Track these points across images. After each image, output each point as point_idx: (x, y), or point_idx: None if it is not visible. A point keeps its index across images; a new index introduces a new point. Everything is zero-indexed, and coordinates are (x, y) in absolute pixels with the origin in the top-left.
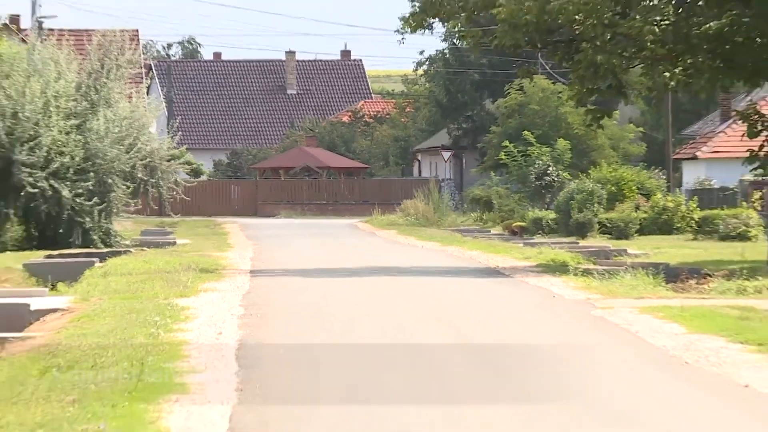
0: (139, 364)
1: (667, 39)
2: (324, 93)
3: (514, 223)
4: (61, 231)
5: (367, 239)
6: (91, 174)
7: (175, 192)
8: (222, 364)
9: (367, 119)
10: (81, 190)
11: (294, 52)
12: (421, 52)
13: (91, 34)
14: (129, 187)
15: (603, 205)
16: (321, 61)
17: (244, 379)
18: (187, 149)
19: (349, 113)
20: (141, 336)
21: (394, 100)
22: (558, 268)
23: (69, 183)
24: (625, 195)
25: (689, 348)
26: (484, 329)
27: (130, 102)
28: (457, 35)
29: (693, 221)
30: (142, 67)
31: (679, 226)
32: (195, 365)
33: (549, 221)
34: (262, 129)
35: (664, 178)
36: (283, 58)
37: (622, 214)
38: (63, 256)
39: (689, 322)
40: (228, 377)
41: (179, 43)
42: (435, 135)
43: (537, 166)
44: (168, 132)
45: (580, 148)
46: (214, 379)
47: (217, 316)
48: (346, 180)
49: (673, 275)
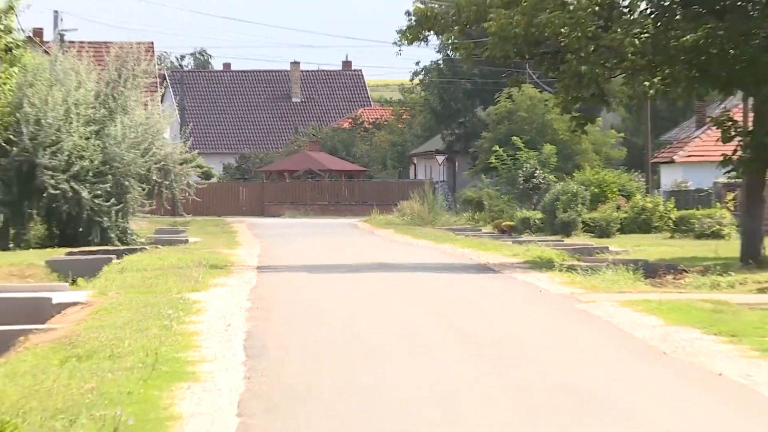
0: (153, 354)
1: (646, 51)
2: (326, 101)
3: (504, 223)
4: (80, 230)
5: (366, 238)
6: (109, 176)
7: (187, 193)
8: (231, 354)
9: (367, 125)
10: (99, 192)
11: (298, 63)
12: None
13: (109, 46)
14: (144, 189)
15: (586, 206)
16: (323, 71)
17: (251, 368)
18: (198, 153)
19: (350, 120)
20: (155, 328)
21: (391, 108)
22: (544, 265)
23: (88, 185)
24: (606, 196)
25: (666, 339)
26: (475, 321)
27: (145, 109)
28: (450, 47)
29: (670, 221)
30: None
31: (657, 225)
32: (205, 355)
33: (536, 221)
34: (269, 135)
35: (644, 180)
36: (288, 68)
37: (604, 214)
38: (83, 253)
39: (666, 314)
40: (236, 366)
41: (191, 54)
42: (430, 140)
43: (525, 169)
44: (181, 137)
45: (565, 152)
46: (223, 368)
47: (226, 310)
48: (347, 182)
49: (651, 271)
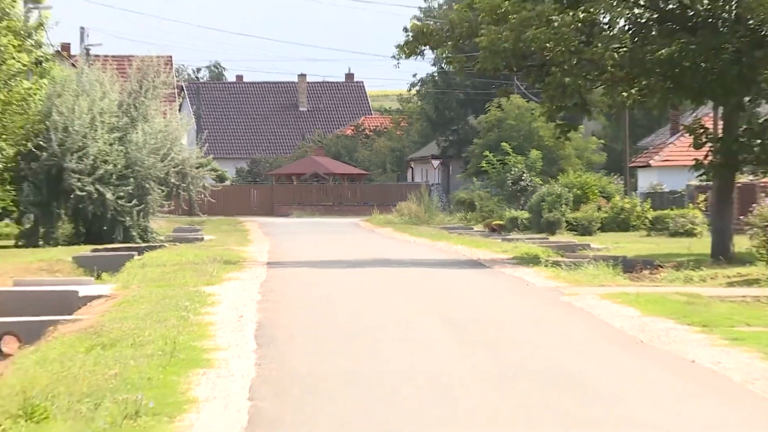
0: (172, 342)
1: (624, 63)
2: (330, 110)
3: (494, 222)
4: (105, 228)
5: (367, 236)
6: (131, 179)
7: (202, 195)
8: (243, 342)
9: (368, 132)
10: (122, 193)
11: (305, 75)
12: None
13: (132, 60)
14: (163, 191)
15: (569, 206)
16: (328, 82)
17: (261, 355)
18: (213, 158)
19: (352, 127)
20: (173, 318)
21: (390, 116)
22: (531, 260)
23: (112, 187)
24: (588, 197)
25: (643, 329)
26: (467, 311)
27: (164, 118)
28: (444, 60)
29: (647, 220)
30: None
31: (634, 224)
32: (219, 344)
33: (523, 220)
34: (278, 141)
35: (622, 183)
36: (296, 80)
37: (586, 213)
38: (107, 250)
39: (643, 306)
40: (248, 354)
41: (207, 67)
42: (426, 146)
43: (513, 173)
44: (197, 143)
45: (550, 157)
46: (236, 355)
47: (239, 302)
48: (350, 185)
49: (629, 266)
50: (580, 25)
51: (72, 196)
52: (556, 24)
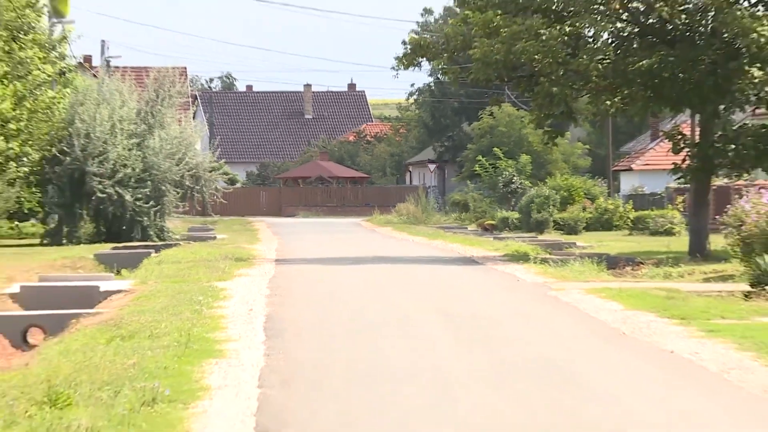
0: (186, 334)
1: (608, 74)
2: (334, 118)
3: (486, 222)
4: (124, 228)
5: (368, 235)
6: (149, 182)
7: (215, 196)
8: (252, 334)
9: (369, 138)
10: (140, 195)
11: (310, 85)
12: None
13: (149, 71)
14: (178, 193)
15: (557, 207)
16: (332, 92)
17: (270, 346)
18: (224, 162)
19: (354, 134)
20: (188, 312)
21: (390, 123)
22: (521, 258)
23: (131, 189)
24: (574, 199)
25: (626, 321)
26: (461, 305)
27: (179, 125)
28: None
29: (629, 220)
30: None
31: (617, 224)
32: (231, 335)
33: (514, 220)
34: (285, 146)
35: (606, 185)
36: (302, 89)
37: (572, 214)
38: (126, 248)
39: (626, 300)
40: (257, 345)
41: (219, 77)
42: (423, 151)
43: (504, 176)
44: (210, 148)
45: (539, 161)
46: (246, 346)
47: (249, 296)
48: (352, 187)
49: (612, 263)
50: (566, 38)
51: (93, 198)
52: (544, 37)
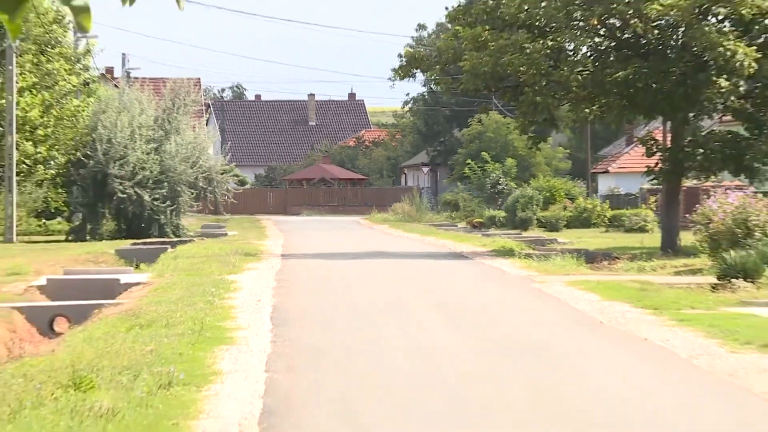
0: (200, 323)
1: (587, 85)
2: (335, 124)
3: (475, 220)
4: (143, 225)
5: (366, 231)
6: (165, 183)
7: (226, 197)
8: (260, 323)
9: (367, 143)
10: (157, 196)
11: (314, 94)
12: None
13: (165, 81)
14: (193, 193)
15: (540, 206)
16: (333, 101)
17: (276, 334)
18: (235, 165)
19: (354, 139)
20: (201, 302)
21: (387, 130)
22: (507, 253)
23: (149, 190)
24: (555, 199)
25: (603, 311)
26: (452, 295)
27: (193, 131)
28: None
29: (606, 218)
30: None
31: (595, 222)
32: (240, 324)
33: (500, 218)
34: (290, 151)
35: (585, 186)
36: (306, 99)
37: (553, 212)
38: (144, 243)
39: (603, 292)
40: (265, 333)
41: (230, 87)
42: (417, 155)
43: (491, 178)
44: (221, 153)
45: (523, 164)
46: (254, 334)
47: (257, 288)
48: (352, 188)
49: (591, 258)
50: (549, 51)
51: (114, 198)
52: (528, 51)
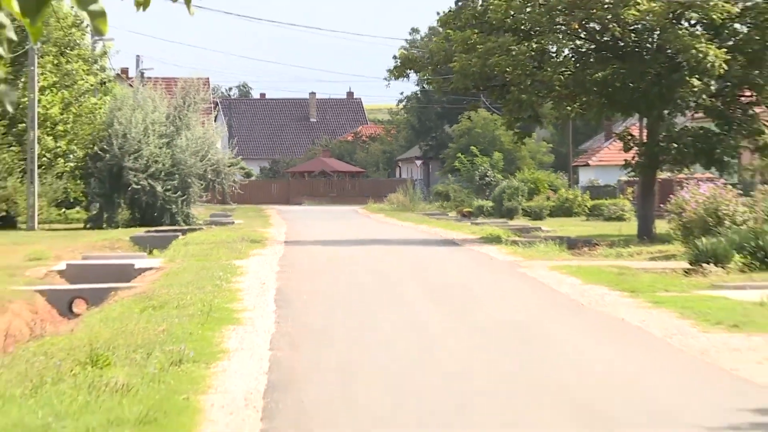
0: (209, 305)
1: (569, 84)
2: (335, 121)
3: (464, 209)
4: (155, 214)
5: (363, 220)
6: (176, 176)
7: (233, 188)
8: (265, 304)
9: (364, 139)
10: (169, 187)
11: (315, 93)
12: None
13: (177, 81)
14: (202, 184)
15: (525, 197)
16: (333, 99)
17: (279, 315)
18: (241, 159)
19: (352, 134)
20: (210, 286)
21: (383, 126)
22: (494, 240)
23: (161, 182)
24: (539, 190)
25: (584, 294)
26: (443, 278)
27: (203, 127)
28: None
29: (586, 208)
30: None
31: (576, 211)
32: (246, 306)
33: (488, 208)
34: (293, 145)
35: (567, 178)
36: (307, 97)
37: (537, 203)
38: (157, 231)
39: (584, 276)
40: (269, 314)
41: (237, 86)
42: (410, 149)
43: (480, 171)
44: (229, 147)
45: (509, 158)
46: (259, 315)
47: (262, 272)
48: (350, 180)
49: (572, 244)
50: (533, 53)
51: (129, 189)
52: (514, 53)
